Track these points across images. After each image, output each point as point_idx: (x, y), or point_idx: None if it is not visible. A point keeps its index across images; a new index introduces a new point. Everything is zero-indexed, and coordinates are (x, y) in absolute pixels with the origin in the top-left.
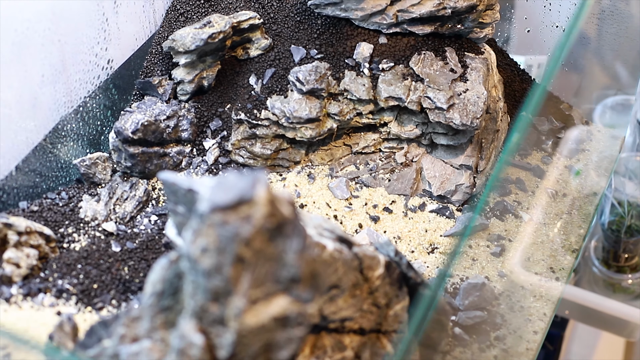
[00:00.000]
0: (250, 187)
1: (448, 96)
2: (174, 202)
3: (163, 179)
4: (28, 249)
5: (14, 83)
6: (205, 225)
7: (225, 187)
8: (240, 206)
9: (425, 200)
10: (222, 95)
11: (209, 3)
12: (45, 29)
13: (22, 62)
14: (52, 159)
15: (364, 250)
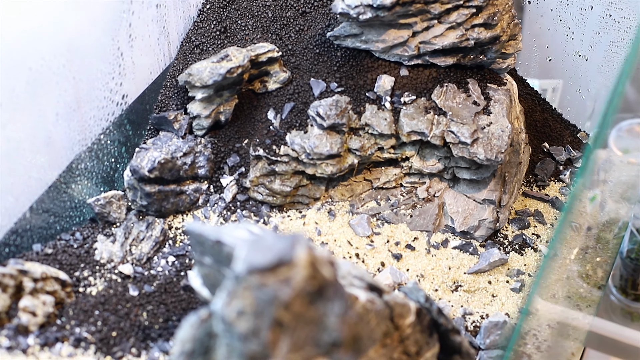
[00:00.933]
0: (289, 248)
1: (472, 130)
2: (201, 253)
3: (189, 230)
4: (44, 296)
5: (28, 122)
6: (242, 288)
7: (263, 247)
8: (279, 268)
9: (448, 236)
10: (240, 130)
11: (225, 35)
12: (60, 65)
13: (37, 101)
14: (66, 199)
15: (395, 298)
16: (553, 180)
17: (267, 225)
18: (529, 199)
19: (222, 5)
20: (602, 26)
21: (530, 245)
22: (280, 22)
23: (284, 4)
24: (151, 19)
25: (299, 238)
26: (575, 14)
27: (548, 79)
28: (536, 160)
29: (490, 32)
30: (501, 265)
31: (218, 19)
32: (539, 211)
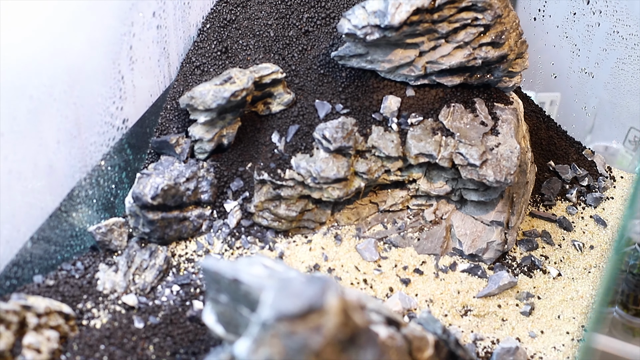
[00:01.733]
0: (320, 294)
1: (481, 152)
2: (216, 290)
3: (205, 268)
4: (48, 332)
5: (29, 151)
6: (269, 335)
7: (291, 292)
8: (310, 315)
9: (456, 259)
10: (243, 154)
11: (226, 55)
12: (61, 92)
13: (38, 129)
14: (67, 227)
15: (413, 331)
16: (559, 199)
17: (272, 252)
18: (536, 219)
19: (222, 24)
20: (609, 43)
21: (538, 267)
22: (282, 42)
23: (286, 22)
24: (152, 41)
25: (329, 283)
26: (581, 31)
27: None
28: (542, 179)
29: (497, 50)
30: (510, 289)
31: (219, 38)
32: (547, 232)
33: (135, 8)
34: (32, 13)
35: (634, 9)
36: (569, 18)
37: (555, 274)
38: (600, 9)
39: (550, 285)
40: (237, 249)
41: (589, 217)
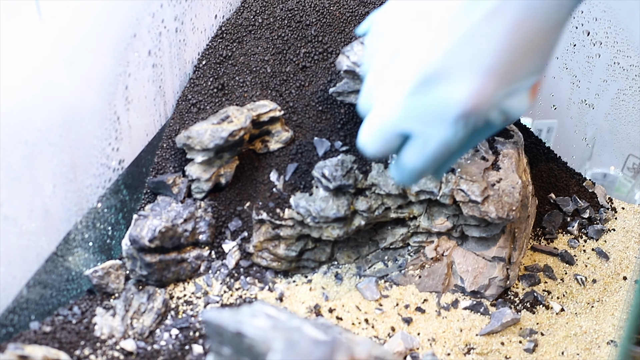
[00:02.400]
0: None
1: (482, 188)
2: (219, 343)
3: (207, 320)
4: None
5: (25, 198)
6: None
7: (299, 353)
8: None
9: (458, 297)
10: (241, 193)
11: (222, 92)
12: (56, 135)
13: (33, 175)
14: (63, 272)
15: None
16: (561, 232)
17: (272, 292)
18: (537, 253)
19: (218, 60)
20: (610, 74)
21: (541, 302)
22: (279, 78)
23: (283, 58)
24: (147, 80)
25: (338, 343)
26: (581, 62)
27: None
28: (543, 212)
29: None
30: (513, 325)
31: (215, 75)
32: (549, 266)
33: (130, 47)
34: (26, 56)
35: (635, 40)
36: (568, 49)
37: (558, 309)
38: (601, 40)
39: (554, 321)
40: (236, 290)
41: (591, 250)
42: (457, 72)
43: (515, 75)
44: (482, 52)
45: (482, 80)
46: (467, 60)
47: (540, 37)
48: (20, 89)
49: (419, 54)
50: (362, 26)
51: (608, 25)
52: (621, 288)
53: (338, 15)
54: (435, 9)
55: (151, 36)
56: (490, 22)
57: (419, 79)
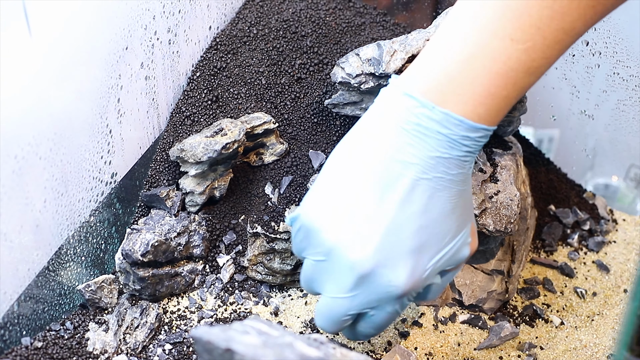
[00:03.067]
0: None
1: (480, 200)
2: None
3: (196, 337)
4: None
5: (15, 213)
6: None
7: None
8: None
9: (456, 310)
10: (235, 206)
11: (216, 104)
12: (46, 150)
13: (24, 190)
14: (55, 286)
15: None
16: (561, 244)
17: (267, 307)
18: (537, 265)
19: (212, 72)
20: (609, 84)
21: (540, 316)
22: (274, 90)
23: (278, 70)
24: (140, 92)
25: None
26: (580, 72)
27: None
28: (542, 224)
29: None
30: (512, 339)
31: (209, 87)
32: (548, 279)
33: (122, 60)
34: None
35: (634, 51)
36: (567, 60)
37: (557, 322)
38: (600, 51)
39: (553, 335)
40: (230, 304)
41: (591, 262)
42: (390, 261)
43: (443, 243)
44: (407, 237)
45: (413, 262)
46: (395, 248)
47: (455, 201)
48: (10, 103)
49: (352, 255)
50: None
51: (607, 36)
52: (622, 301)
53: (334, 26)
54: (354, 205)
55: (143, 48)
56: (405, 208)
57: (357, 276)
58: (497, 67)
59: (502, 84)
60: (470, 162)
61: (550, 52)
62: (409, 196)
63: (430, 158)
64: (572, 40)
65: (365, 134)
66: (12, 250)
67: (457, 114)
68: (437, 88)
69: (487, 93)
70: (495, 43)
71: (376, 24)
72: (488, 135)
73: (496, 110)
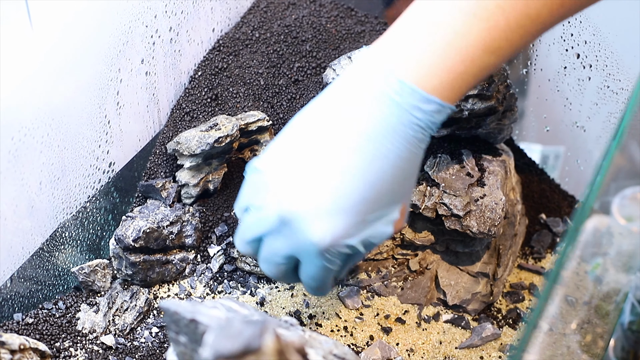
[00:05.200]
0: (257, 336)
1: (465, 202)
2: (176, 332)
3: (164, 308)
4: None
5: (10, 192)
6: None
7: (231, 333)
8: (246, 356)
9: (440, 310)
10: (229, 199)
11: (215, 102)
12: (43, 134)
13: (19, 171)
14: (49, 267)
15: None
16: (549, 252)
17: (253, 297)
18: (524, 271)
19: (214, 72)
20: (600, 97)
21: (524, 319)
22: (272, 90)
23: (277, 72)
24: (140, 87)
25: (267, 325)
26: (573, 85)
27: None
28: (532, 231)
29: (485, 102)
30: (494, 340)
31: (209, 86)
32: (534, 284)
33: (122, 55)
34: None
35: (624, 64)
36: (560, 72)
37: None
38: (591, 63)
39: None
40: (219, 293)
41: (583, 272)
42: (314, 214)
43: (371, 210)
44: (337, 195)
45: (337, 221)
46: (323, 203)
47: (394, 174)
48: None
49: (282, 201)
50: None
51: (597, 49)
52: (612, 311)
53: (334, 33)
54: (301, 158)
55: (144, 45)
56: (343, 167)
57: (280, 218)
58: (457, 40)
59: (459, 58)
60: (420, 140)
61: (512, 36)
62: (350, 157)
63: (380, 122)
64: (537, 28)
65: (329, 97)
66: (7, 229)
67: (410, 82)
68: (394, 55)
69: (443, 65)
70: (459, 17)
71: (376, 32)
72: (443, 113)
73: (451, 85)
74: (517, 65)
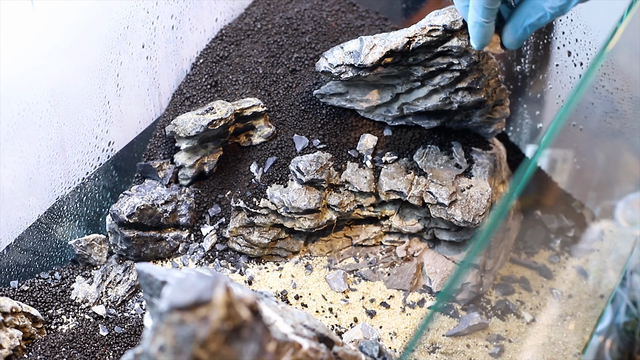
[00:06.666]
0: (209, 289)
1: (450, 192)
2: (150, 294)
3: (139, 270)
4: (12, 330)
5: (8, 163)
6: (164, 324)
7: (186, 286)
8: (198, 307)
9: (425, 297)
10: (223, 182)
11: (215, 88)
12: (43, 110)
13: (18, 143)
14: (47, 239)
15: (345, 350)
16: (543, 248)
17: (242, 276)
18: (516, 265)
19: (215, 60)
20: (596, 97)
21: (512, 311)
22: (270, 79)
23: (275, 61)
24: (141, 70)
25: (219, 279)
26: (565, 83)
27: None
28: (527, 227)
29: (474, 95)
30: (481, 330)
31: (210, 73)
32: (525, 278)
33: (123, 38)
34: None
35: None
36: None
37: (529, 319)
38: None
39: (523, 330)
40: None
41: (571, 267)
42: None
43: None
44: None
45: None
46: None
47: None
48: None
49: None
50: None
51: (589, 47)
52: (597, 305)
53: (334, 26)
54: None
55: (145, 30)
56: None
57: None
58: None
59: None
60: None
61: None
62: None
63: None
64: None
65: None
66: (3, 198)
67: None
68: None
69: None
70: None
71: (375, 27)
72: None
73: None
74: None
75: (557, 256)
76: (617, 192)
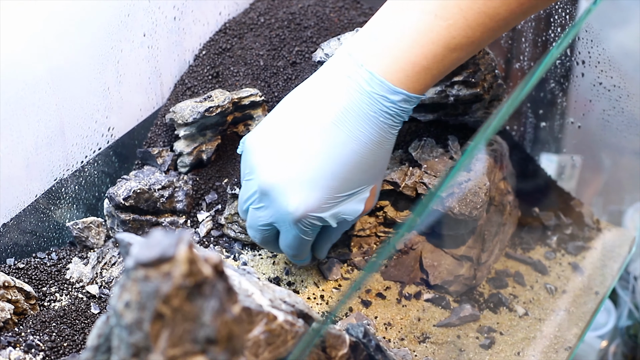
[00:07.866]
0: (172, 245)
1: None
2: None
3: (119, 239)
4: (3, 303)
5: (6, 143)
6: (130, 280)
7: (150, 244)
8: (162, 264)
9: (422, 289)
10: (221, 170)
11: (216, 79)
12: (42, 92)
13: (16, 123)
14: (45, 220)
15: (329, 329)
16: (539, 244)
17: (236, 262)
18: (511, 260)
19: (217, 52)
20: (594, 94)
21: (505, 304)
22: (270, 71)
23: (276, 54)
24: (142, 59)
25: (183, 236)
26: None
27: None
28: (525, 224)
29: (470, 89)
30: (473, 322)
31: (212, 64)
32: (520, 273)
33: (124, 25)
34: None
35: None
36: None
37: (521, 312)
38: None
39: (515, 323)
40: None
41: (567, 263)
42: (290, 187)
43: (342, 188)
44: (312, 170)
45: (311, 194)
46: (299, 178)
47: (366, 156)
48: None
49: (262, 174)
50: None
51: (590, 45)
52: (591, 301)
53: (336, 22)
54: (281, 136)
55: (147, 19)
56: (318, 148)
57: (261, 192)
58: (420, 38)
59: (422, 54)
60: (390, 126)
61: (472, 33)
62: (325, 138)
63: (353, 109)
64: (498, 26)
65: (312, 83)
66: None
67: (379, 75)
68: (367, 50)
69: (408, 60)
70: (421, 17)
71: None
72: (411, 102)
73: (416, 78)
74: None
75: (553, 252)
76: (628, 199)
